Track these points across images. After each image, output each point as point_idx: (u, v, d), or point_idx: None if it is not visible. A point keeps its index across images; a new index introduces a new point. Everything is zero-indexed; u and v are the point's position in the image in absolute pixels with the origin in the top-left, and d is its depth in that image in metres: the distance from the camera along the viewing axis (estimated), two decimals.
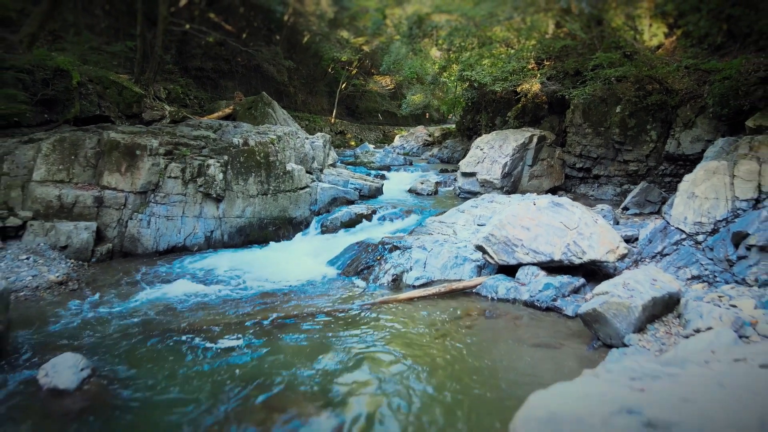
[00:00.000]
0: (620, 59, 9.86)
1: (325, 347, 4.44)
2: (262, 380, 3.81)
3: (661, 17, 12.03)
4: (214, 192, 7.81)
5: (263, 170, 8.34)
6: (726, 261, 5.19)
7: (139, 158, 7.44)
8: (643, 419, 1.80)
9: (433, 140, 21.86)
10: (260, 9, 23.69)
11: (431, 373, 3.95)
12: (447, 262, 6.33)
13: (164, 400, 3.58)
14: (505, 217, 5.76)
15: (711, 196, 5.89)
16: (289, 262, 7.27)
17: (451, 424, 3.25)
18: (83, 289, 5.95)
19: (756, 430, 1.71)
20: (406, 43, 16.68)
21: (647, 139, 10.33)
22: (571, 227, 5.48)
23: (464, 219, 7.57)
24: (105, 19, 19.09)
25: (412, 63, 18.14)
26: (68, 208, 7.06)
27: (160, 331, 4.75)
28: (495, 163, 10.42)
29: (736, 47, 10.33)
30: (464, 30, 12.67)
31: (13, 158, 7.23)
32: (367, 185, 10.75)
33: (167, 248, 7.55)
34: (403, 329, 4.83)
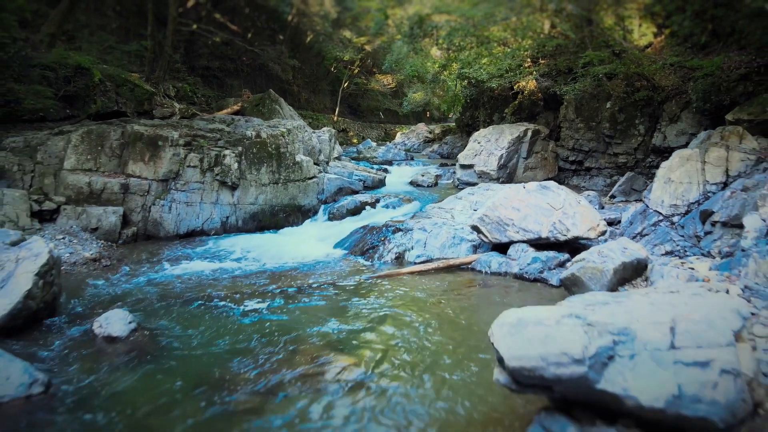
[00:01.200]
0: (609, 57, 10.45)
1: (337, 309, 5.05)
2: (285, 334, 4.42)
3: (650, 18, 12.63)
4: (229, 180, 8.42)
5: (274, 161, 8.96)
6: (695, 237, 5.79)
7: (161, 149, 8.06)
8: (586, 321, 2.41)
9: (433, 137, 22.46)
10: (264, 9, 24.31)
11: (429, 325, 4.56)
12: (445, 242, 6.94)
13: (200, 348, 4.18)
14: (497, 199, 6.37)
15: (685, 180, 6.49)
16: (300, 244, 7.89)
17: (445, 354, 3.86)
18: (115, 265, 6.57)
19: (666, 324, 2.32)
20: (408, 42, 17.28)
21: (635, 133, 10.92)
22: (557, 207, 6.09)
23: (462, 205, 8.18)
24: (116, 20, 19.72)
25: (413, 62, 18.72)
26: (97, 194, 7.68)
27: (190, 297, 5.36)
28: (491, 155, 11.03)
29: (719, 46, 10.91)
30: (463, 30, 13.25)
31: (46, 148, 7.85)
32: (370, 177, 11.36)
33: (187, 232, 8.16)
34: (405, 296, 5.43)
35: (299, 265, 6.78)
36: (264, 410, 3.20)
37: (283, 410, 3.19)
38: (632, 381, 2.22)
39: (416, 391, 3.42)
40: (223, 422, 3.08)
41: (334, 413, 3.14)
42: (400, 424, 3.01)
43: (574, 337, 2.32)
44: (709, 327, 2.28)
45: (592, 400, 2.42)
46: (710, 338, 2.24)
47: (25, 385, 3.25)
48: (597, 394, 2.31)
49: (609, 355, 2.29)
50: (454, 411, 3.16)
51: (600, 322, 2.39)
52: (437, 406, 3.22)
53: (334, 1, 23.02)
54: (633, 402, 2.21)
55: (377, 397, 3.33)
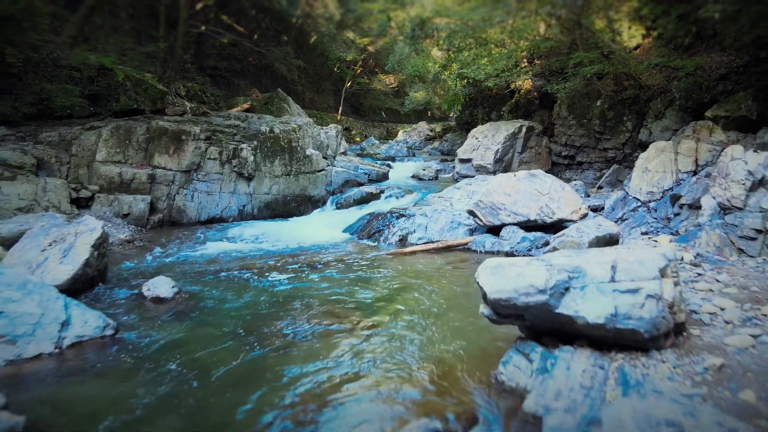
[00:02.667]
0: (599, 58, 11.16)
1: (349, 279, 5.78)
2: (304, 297, 5.15)
3: (639, 20, 13.35)
4: (246, 172, 9.15)
5: (287, 154, 9.69)
6: (666, 219, 6.51)
7: (184, 142, 8.80)
8: (549, 263, 3.15)
9: (434, 135, 23.17)
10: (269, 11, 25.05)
11: (430, 290, 5.29)
12: (444, 226, 7.66)
13: (233, 307, 4.91)
14: (491, 186, 7.09)
15: (660, 170, 7.20)
16: (311, 230, 8.62)
17: (443, 311, 4.58)
18: (147, 246, 7.32)
19: (609, 263, 3.04)
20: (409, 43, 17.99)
21: (623, 129, 11.63)
22: (544, 193, 6.81)
23: (459, 194, 8.90)
24: (128, 22, 20.47)
25: (415, 62, 19.43)
26: (127, 183, 8.42)
27: (218, 270, 6.10)
28: (488, 150, 11.75)
29: (702, 47, 11.62)
30: (462, 32, 13.97)
31: (80, 142, 8.59)
32: (375, 171, 12.09)
33: (207, 219, 8.90)
34: (409, 269, 6.16)
35: (312, 246, 7.52)
36: (293, 351, 3.92)
37: (308, 350, 3.91)
38: (582, 305, 2.95)
39: (419, 336, 4.15)
40: (261, 360, 3.79)
41: (350, 352, 3.86)
42: (406, 359, 3.73)
43: (539, 274, 3.04)
44: (640, 265, 3.00)
45: (554, 324, 3.15)
46: (641, 273, 2.96)
47: (100, 328, 3.99)
48: (556, 317, 3.04)
49: (565, 286, 3.01)
50: (450, 347, 3.88)
51: (559, 264, 3.12)
52: (436, 345, 3.95)
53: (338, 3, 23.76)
54: (582, 321, 2.93)
55: (388, 341, 4.05)
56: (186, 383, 3.35)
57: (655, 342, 2.94)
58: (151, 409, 3.05)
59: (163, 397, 3.18)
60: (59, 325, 3.84)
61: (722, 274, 4.23)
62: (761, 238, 4.51)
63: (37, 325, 3.74)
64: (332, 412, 2.99)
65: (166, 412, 3.04)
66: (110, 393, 3.24)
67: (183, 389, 3.28)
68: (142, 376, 3.45)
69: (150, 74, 14.98)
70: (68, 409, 3.05)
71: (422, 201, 9.05)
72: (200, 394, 3.23)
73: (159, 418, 2.96)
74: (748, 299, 3.69)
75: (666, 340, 3.01)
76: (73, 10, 14.47)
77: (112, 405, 3.09)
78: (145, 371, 3.52)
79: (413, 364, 3.61)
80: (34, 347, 3.65)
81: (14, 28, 8.86)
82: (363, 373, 3.47)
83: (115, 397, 3.20)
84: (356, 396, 3.16)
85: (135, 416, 2.97)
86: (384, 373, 3.48)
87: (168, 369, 3.55)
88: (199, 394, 3.22)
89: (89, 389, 3.30)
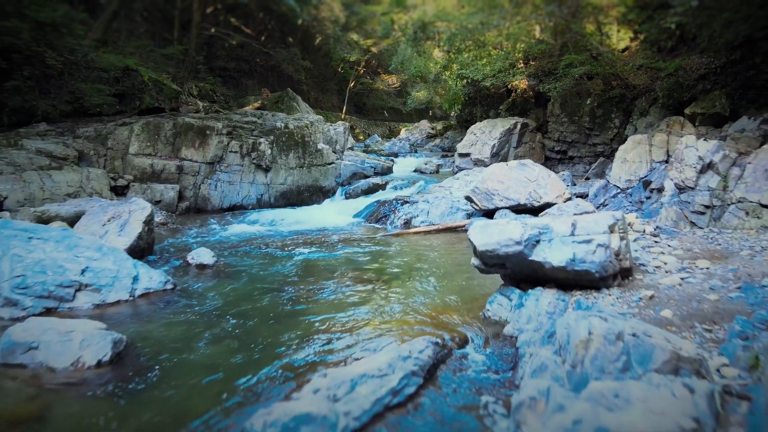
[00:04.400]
0: (588, 59, 12.04)
1: (362, 252, 6.67)
2: (323, 266, 6.04)
3: (627, 24, 14.23)
4: (263, 164, 10.05)
5: (300, 148, 10.58)
6: (639, 202, 7.39)
7: (208, 137, 9.70)
8: (525, 223, 4.03)
9: (435, 133, 24.06)
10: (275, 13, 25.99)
11: (431, 260, 6.18)
12: (444, 211, 8.55)
13: (263, 273, 5.80)
14: (486, 174, 7.98)
15: (636, 160, 8.08)
16: (324, 215, 9.52)
17: (442, 275, 5.47)
18: (179, 228, 8.22)
19: (570, 222, 3.93)
20: (411, 45, 18.88)
21: (611, 125, 12.51)
22: (532, 180, 7.69)
23: (458, 184, 9.79)
24: (143, 25, 21.43)
25: (417, 63, 20.30)
26: (158, 173, 9.32)
27: (246, 246, 7.00)
28: (485, 145, 12.63)
29: (684, 49, 12.49)
30: (462, 35, 14.85)
31: (114, 137, 9.50)
32: (380, 164, 12.98)
33: (229, 206, 9.80)
34: (413, 246, 7.05)
35: (326, 228, 8.41)
36: (320, 301, 4.80)
37: (333, 301, 4.80)
38: (549, 253, 3.83)
39: (423, 291, 5.03)
40: (294, 307, 4.67)
41: (367, 302, 4.75)
42: (414, 305, 4.62)
43: (516, 230, 3.93)
44: (594, 223, 3.89)
45: (528, 271, 4.03)
46: (594, 229, 3.85)
47: (162, 282, 4.89)
48: (530, 263, 3.92)
49: (536, 239, 3.90)
50: (448, 298, 4.78)
51: (532, 223, 4.00)
52: (437, 296, 4.84)
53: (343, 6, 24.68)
54: (549, 265, 3.82)
55: (398, 294, 4.94)
56: (235, 320, 4.25)
57: (605, 281, 3.83)
58: (212, 336, 3.94)
59: (219, 329, 4.07)
60: (131, 279, 4.74)
61: (674, 241, 5.11)
62: (708, 213, 5.37)
63: (115, 278, 4.64)
64: (356, 336, 3.88)
65: (224, 338, 3.92)
66: (178, 327, 4.13)
67: (234, 324, 4.17)
68: (200, 317, 4.35)
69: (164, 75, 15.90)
70: (149, 335, 3.94)
71: (424, 190, 9.94)
72: (248, 327, 4.12)
73: (219, 341, 3.85)
74: (688, 257, 4.58)
75: (613, 281, 3.90)
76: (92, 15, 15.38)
77: (182, 334, 3.98)
78: (202, 314, 4.42)
79: (419, 308, 4.50)
80: (114, 295, 4.55)
81: (54, 33, 9.77)
82: (379, 315, 4.37)
83: (183, 329, 4.09)
84: (375, 328, 4.05)
85: (201, 340, 3.86)
86: (396, 314, 4.38)
87: (220, 312, 4.44)
88: (247, 328, 4.11)
89: (161, 324, 4.19)
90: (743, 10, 8.86)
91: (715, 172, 5.41)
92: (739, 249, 4.65)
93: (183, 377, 3.27)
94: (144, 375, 3.28)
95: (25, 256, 4.35)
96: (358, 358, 3.39)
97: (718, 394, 2.36)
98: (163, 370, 3.36)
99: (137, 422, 2.76)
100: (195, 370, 3.36)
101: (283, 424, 2.40)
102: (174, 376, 3.27)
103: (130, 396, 3.03)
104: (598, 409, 1.94)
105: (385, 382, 2.91)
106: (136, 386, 3.14)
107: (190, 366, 3.43)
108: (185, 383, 3.19)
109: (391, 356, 3.14)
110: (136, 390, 3.10)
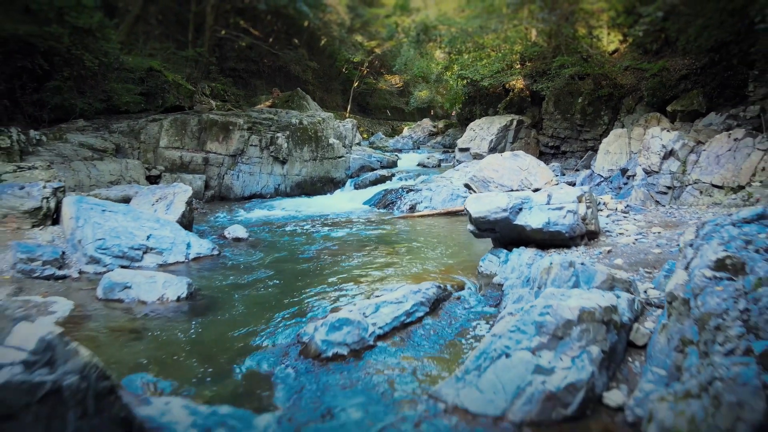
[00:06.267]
0: (578, 61, 12.99)
1: (373, 230, 7.63)
2: (340, 239, 7.00)
3: (617, 28, 15.17)
4: (280, 156, 11.02)
5: (313, 142, 11.55)
6: (618, 188, 8.34)
7: (231, 131, 10.67)
8: (510, 195, 4.99)
9: (437, 131, 25.02)
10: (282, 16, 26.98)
11: (434, 236, 7.13)
12: (445, 197, 9.50)
13: (291, 244, 6.76)
14: (483, 164, 8.93)
15: (617, 151, 9.03)
16: (336, 203, 10.49)
17: (443, 245, 6.43)
18: (207, 213, 9.19)
19: (546, 194, 4.90)
20: (414, 47, 19.84)
21: (601, 122, 13.45)
22: (524, 168, 8.64)
23: (458, 174, 10.75)
24: (158, 28, 22.43)
25: (420, 64, 21.25)
26: (186, 165, 10.30)
27: (271, 225, 7.96)
28: (483, 140, 13.58)
29: (668, 52, 13.43)
30: (462, 37, 15.81)
31: (146, 132, 10.48)
32: (386, 158, 13.94)
33: (249, 195, 10.77)
34: (418, 226, 8.01)
35: (339, 213, 9.38)
36: (341, 264, 5.76)
37: (352, 264, 5.76)
38: (529, 218, 4.79)
39: (427, 256, 5.99)
40: (321, 267, 5.63)
41: (381, 263, 5.71)
42: (420, 264, 5.58)
43: (503, 200, 4.88)
44: (566, 195, 4.84)
45: (513, 234, 4.99)
46: (565, 199, 4.80)
47: (209, 249, 5.86)
48: (514, 227, 4.88)
49: (519, 207, 4.85)
50: (449, 260, 5.74)
51: (516, 194, 4.96)
52: (439, 259, 5.79)
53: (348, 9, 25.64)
54: (529, 227, 4.77)
55: (406, 258, 5.90)
56: (274, 276, 5.21)
57: (573, 240, 4.79)
58: (258, 285, 4.90)
59: (263, 281, 5.03)
60: (185, 245, 5.71)
61: (639, 215, 6.07)
62: (670, 192, 6.31)
63: (173, 244, 5.62)
64: (376, 285, 4.84)
65: (268, 286, 4.89)
66: (229, 279, 5.10)
67: (274, 277, 5.14)
68: (245, 273, 5.31)
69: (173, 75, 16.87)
70: (208, 285, 4.91)
71: (427, 180, 10.90)
72: (286, 280, 5.08)
73: (264, 288, 4.81)
74: (647, 226, 5.54)
75: (581, 240, 4.86)
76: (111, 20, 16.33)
77: (234, 283, 4.94)
78: (246, 271, 5.39)
79: (426, 267, 5.46)
80: (173, 257, 5.52)
81: (90, 37, 10.76)
82: (393, 271, 5.33)
83: (233, 281, 5.05)
84: (390, 280, 5.02)
85: (249, 288, 4.82)
86: (407, 271, 5.34)
87: (260, 270, 5.41)
88: (285, 280, 5.08)
89: (215, 277, 5.16)
90: (715, 17, 9.83)
91: (676, 158, 6.36)
92: (689, 219, 5.61)
93: (242, 308, 4.24)
94: (212, 307, 4.26)
95: (102, 224, 5.32)
96: (378, 296, 4.36)
97: (639, 302, 3.33)
98: (226, 303, 4.34)
99: (213, 333, 3.73)
100: (250, 305, 4.33)
101: (331, 324, 3.37)
102: (235, 308, 4.25)
103: (204, 318, 4.01)
104: (548, 299, 2.90)
105: (401, 307, 3.88)
106: (208, 313, 4.12)
107: (245, 302, 4.40)
108: (245, 311, 4.17)
109: (405, 291, 4.11)
110: (208, 315, 4.07)
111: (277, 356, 3.32)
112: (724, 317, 2.20)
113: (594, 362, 2.62)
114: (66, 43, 10.39)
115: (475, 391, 2.61)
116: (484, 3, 13.60)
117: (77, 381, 2.02)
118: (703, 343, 2.28)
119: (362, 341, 3.37)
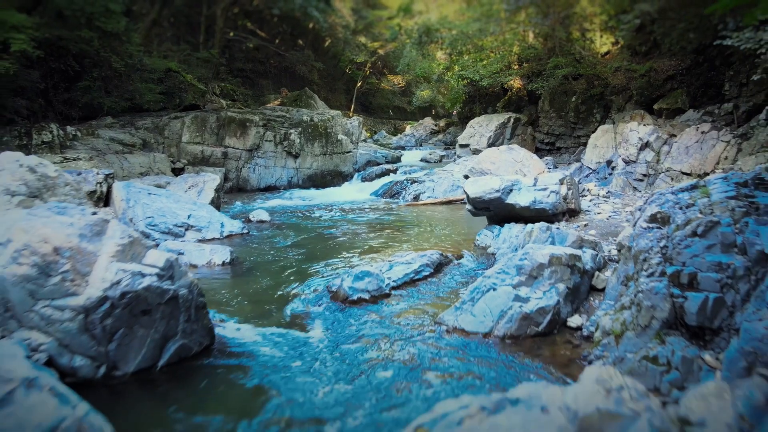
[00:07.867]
0: (571, 62, 13.80)
1: (381, 216, 8.46)
2: (354, 221, 7.83)
3: (609, 31, 15.97)
4: (293, 151, 11.85)
5: (323, 138, 12.39)
6: (604, 179, 9.16)
7: (248, 128, 11.51)
8: (503, 177, 5.84)
9: (438, 129, 25.84)
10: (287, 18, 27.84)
11: (437, 220, 7.96)
12: (447, 188, 10.33)
13: (311, 226, 7.58)
14: (481, 157, 9.76)
15: (604, 145, 9.85)
16: (346, 194, 11.32)
17: (445, 228, 7.25)
18: (229, 201, 10.03)
19: (533, 177, 5.74)
20: (417, 48, 20.66)
21: (593, 120, 14.26)
22: (518, 161, 9.46)
23: (458, 167, 11.57)
24: (169, 30, 23.30)
25: (422, 64, 22.08)
26: (207, 158, 11.14)
27: (289, 212, 8.80)
28: (482, 136, 14.40)
29: (657, 53, 14.24)
30: (462, 39, 16.63)
31: (169, 128, 11.32)
32: (390, 154, 14.78)
33: (265, 187, 11.61)
34: (422, 213, 8.84)
35: (349, 202, 10.21)
36: (356, 241, 6.58)
37: (364, 242, 6.58)
38: (518, 197, 5.61)
39: (431, 234, 6.82)
40: (337, 244, 6.46)
41: (391, 241, 6.53)
42: (425, 240, 6.41)
43: (497, 182, 5.71)
44: (550, 178, 5.67)
45: (504, 212, 5.81)
46: (549, 181, 5.62)
47: (240, 228, 6.70)
48: (506, 206, 5.70)
49: (510, 189, 5.68)
50: (450, 236, 6.56)
51: (507, 178, 5.79)
52: (441, 237, 6.62)
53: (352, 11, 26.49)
54: (518, 205, 5.60)
55: (412, 236, 6.73)
56: (300, 249, 6.04)
57: (556, 217, 5.62)
58: (286, 256, 5.73)
59: (289, 254, 5.86)
60: (219, 224, 6.54)
61: (617, 199, 6.90)
62: (645, 180, 7.12)
63: (209, 222, 6.45)
64: (388, 254, 5.67)
65: (294, 257, 5.71)
66: (261, 251, 5.93)
67: (299, 251, 5.97)
68: (273, 247, 6.15)
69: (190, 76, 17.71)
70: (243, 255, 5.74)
71: (430, 172, 11.73)
72: (310, 252, 5.92)
73: (292, 259, 5.63)
74: (622, 207, 6.37)
75: (562, 217, 5.69)
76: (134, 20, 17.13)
77: (266, 254, 5.78)
78: (273, 246, 6.22)
79: (430, 240, 6.29)
80: (210, 234, 6.36)
81: (117, 41, 11.61)
82: (402, 245, 6.16)
83: (265, 252, 5.88)
84: (400, 250, 5.85)
85: (279, 259, 5.66)
86: (412, 245, 6.18)
87: (286, 245, 6.24)
88: (310, 252, 5.91)
89: (248, 250, 5.99)
90: (695, 21, 10.64)
91: (651, 149, 7.17)
92: None
93: (276, 270, 5.08)
94: (251, 270, 5.10)
95: (150, 204, 6.16)
96: (391, 260, 5.19)
97: (602, 257, 4.16)
98: (262, 267, 5.18)
99: (256, 287, 4.56)
100: (283, 268, 5.17)
101: (355, 275, 4.20)
102: (271, 271, 5.09)
103: (246, 278, 4.84)
104: (527, 249, 3.72)
105: (410, 266, 4.71)
106: (249, 274, 4.96)
107: (278, 267, 5.24)
108: (279, 272, 5.01)
109: (413, 255, 4.95)
110: (249, 276, 4.91)
111: (312, 301, 4.15)
112: (649, 252, 3.03)
113: (560, 294, 3.46)
114: (96, 46, 11.24)
115: (469, 315, 3.44)
116: (483, 7, 14.43)
117: (187, 293, 2.86)
118: (636, 273, 3.11)
119: (380, 289, 4.20)
